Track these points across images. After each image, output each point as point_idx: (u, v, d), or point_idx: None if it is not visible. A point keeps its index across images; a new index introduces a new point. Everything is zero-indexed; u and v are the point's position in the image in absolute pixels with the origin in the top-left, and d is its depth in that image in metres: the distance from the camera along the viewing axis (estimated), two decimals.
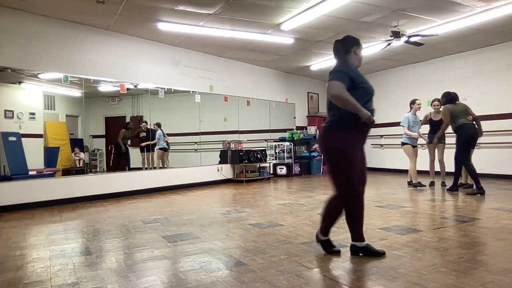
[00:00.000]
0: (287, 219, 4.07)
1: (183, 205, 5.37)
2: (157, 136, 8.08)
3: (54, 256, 2.94)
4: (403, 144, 6.42)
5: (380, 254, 2.66)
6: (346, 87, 2.51)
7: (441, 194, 5.62)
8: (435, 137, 5.98)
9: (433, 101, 6.37)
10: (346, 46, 2.79)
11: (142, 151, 8.27)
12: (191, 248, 3.03)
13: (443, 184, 6.32)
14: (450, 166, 7.53)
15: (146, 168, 8.04)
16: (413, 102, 6.39)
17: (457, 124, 5.46)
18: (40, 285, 2.32)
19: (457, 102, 5.68)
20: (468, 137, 5.41)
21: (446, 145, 6.30)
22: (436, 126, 6.23)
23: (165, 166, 8.13)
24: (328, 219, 2.75)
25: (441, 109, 6.13)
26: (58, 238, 3.53)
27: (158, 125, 8.08)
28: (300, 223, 3.86)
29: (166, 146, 8.15)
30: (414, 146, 6.37)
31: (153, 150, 8.10)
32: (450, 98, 5.67)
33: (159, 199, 6.02)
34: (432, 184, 6.46)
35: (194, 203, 5.53)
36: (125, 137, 8.21)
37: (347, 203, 2.66)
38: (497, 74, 7.54)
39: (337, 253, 2.75)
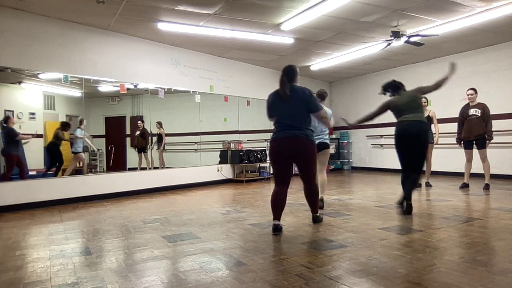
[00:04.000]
0: (287, 219, 4.07)
1: (183, 205, 5.37)
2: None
3: (54, 256, 2.94)
4: None
5: (322, 219, 3.88)
6: None
7: (441, 194, 5.62)
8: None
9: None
10: (294, 76, 3.75)
11: (139, 152, 8.25)
12: (191, 248, 3.03)
13: (428, 184, 6.37)
14: (445, 167, 7.54)
15: (145, 168, 8.04)
16: None
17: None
18: (40, 285, 2.32)
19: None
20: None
21: (442, 145, 6.31)
22: None
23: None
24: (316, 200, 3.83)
25: (428, 107, 6.23)
26: (58, 238, 3.53)
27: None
28: (300, 223, 3.86)
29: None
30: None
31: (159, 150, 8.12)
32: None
33: (159, 199, 6.02)
34: (419, 185, 6.44)
35: (194, 203, 5.53)
36: (59, 137, 6.96)
37: (316, 186, 3.77)
38: (497, 74, 7.54)
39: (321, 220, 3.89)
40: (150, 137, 8.22)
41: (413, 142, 4.03)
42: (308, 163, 3.58)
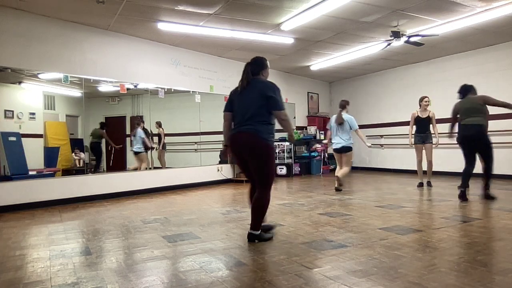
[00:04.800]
0: (287, 219, 4.07)
1: (183, 205, 5.37)
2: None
3: (54, 256, 2.94)
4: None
5: (270, 238, 3.22)
6: None
7: (441, 194, 5.62)
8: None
9: (424, 98, 6.36)
10: (258, 69, 3.36)
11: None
12: (191, 248, 3.03)
13: (429, 184, 6.36)
14: (444, 167, 7.55)
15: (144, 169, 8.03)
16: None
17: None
18: (40, 285, 2.32)
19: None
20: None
21: (439, 145, 6.31)
22: (422, 124, 6.26)
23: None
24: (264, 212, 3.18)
25: (428, 108, 6.25)
26: (58, 238, 3.53)
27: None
28: (300, 223, 3.86)
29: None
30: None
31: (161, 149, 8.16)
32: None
33: (159, 199, 6.02)
34: (420, 185, 6.45)
35: (194, 203, 5.53)
36: (100, 136, 7.99)
37: (266, 199, 3.12)
38: (497, 74, 7.54)
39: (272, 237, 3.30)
40: (151, 137, 8.21)
41: (471, 141, 4.80)
42: (256, 165, 3.07)
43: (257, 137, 3.03)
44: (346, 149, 6.12)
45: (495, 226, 3.51)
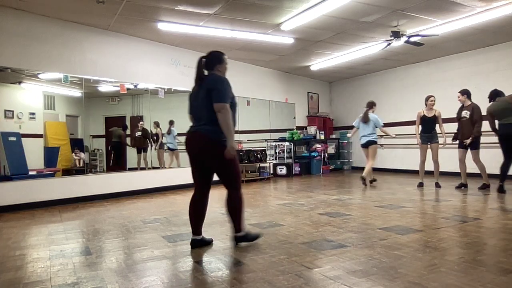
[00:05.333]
0: (287, 219, 4.07)
1: (183, 205, 5.36)
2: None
3: (54, 256, 2.94)
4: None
5: (257, 237, 3.12)
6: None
7: (441, 194, 5.62)
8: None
9: (429, 97, 6.34)
10: (212, 63, 3.07)
11: (138, 152, 8.24)
12: (191, 248, 3.03)
13: (437, 185, 6.30)
14: (444, 166, 7.54)
15: (144, 168, 8.03)
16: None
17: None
18: (40, 285, 2.32)
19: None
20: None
21: (445, 145, 6.29)
22: (428, 123, 6.24)
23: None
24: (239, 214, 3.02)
25: (434, 107, 6.25)
26: (58, 238, 3.53)
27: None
28: (300, 223, 3.86)
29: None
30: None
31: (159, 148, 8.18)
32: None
33: (159, 199, 6.02)
34: (420, 185, 6.42)
35: None
36: (120, 136, 8.31)
37: (238, 199, 2.98)
38: (497, 74, 7.54)
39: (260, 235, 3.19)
40: (150, 137, 8.22)
41: (509, 138, 5.39)
42: (218, 167, 2.91)
43: (209, 137, 2.82)
44: (370, 143, 6.81)
45: (495, 226, 3.51)
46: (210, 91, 2.82)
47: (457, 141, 6.06)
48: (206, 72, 3.07)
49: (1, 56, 5.30)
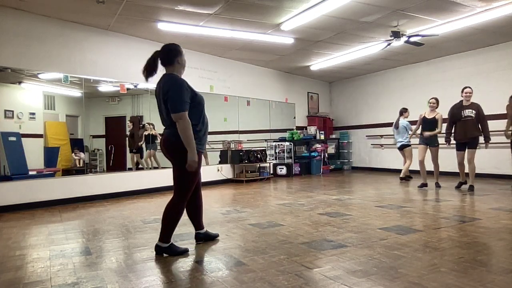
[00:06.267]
0: (287, 219, 4.07)
1: None
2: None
3: (54, 256, 2.94)
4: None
5: (183, 253, 2.86)
6: None
7: (441, 194, 5.62)
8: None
9: (430, 99, 6.34)
10: (171, 57, 2.91)
11: (130, 151, 8.21)
12: (191, 248, 3.03)
13: (437, 185, 6.30)
14: (444, 167, 7.54)
15: (142, 169, 8.02)
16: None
17: None
18: (40, 285, 2.32)
19: None
20: None
21: (440, 147, 6.29)
22: (428, 125, 6.24)
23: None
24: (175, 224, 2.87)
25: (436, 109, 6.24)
26: (58, 238, 3.53)
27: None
28: (300, 223, 3.86)
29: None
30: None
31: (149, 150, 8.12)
32: None
33: (159, 199, 6.02)
34: (422, 185, 6.39)
35: None
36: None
37: (175, 207, 2.81)
38: (497, 74, 7.54)
39: (186, 251, 2.92)
40: (141, 138, 8.17)
41: None
42: (174, 169, 2.85)
43: (170, 141, 2.76)
44: (404, 147, 7.48)
45: (495, 226, 3.51)
46: (165, 99, 2.75)
47: (454, 143, 5.92)
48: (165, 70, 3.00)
49: (1, 56, 5.31)
